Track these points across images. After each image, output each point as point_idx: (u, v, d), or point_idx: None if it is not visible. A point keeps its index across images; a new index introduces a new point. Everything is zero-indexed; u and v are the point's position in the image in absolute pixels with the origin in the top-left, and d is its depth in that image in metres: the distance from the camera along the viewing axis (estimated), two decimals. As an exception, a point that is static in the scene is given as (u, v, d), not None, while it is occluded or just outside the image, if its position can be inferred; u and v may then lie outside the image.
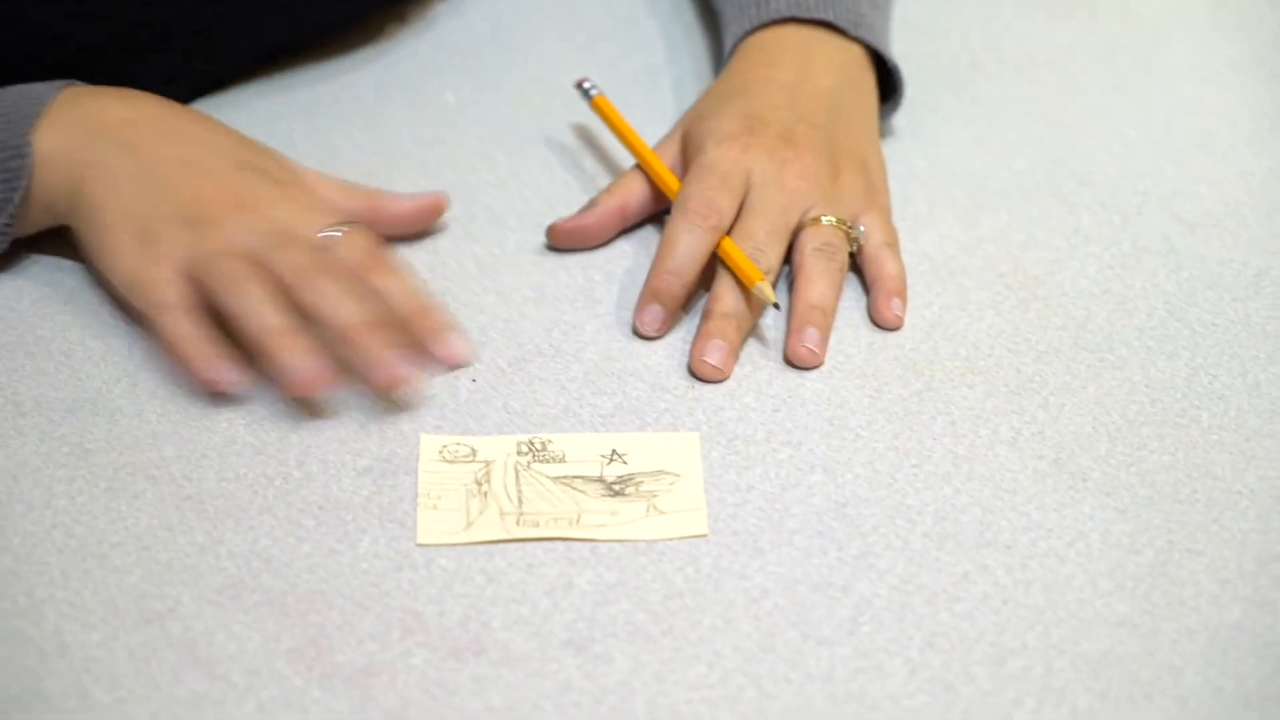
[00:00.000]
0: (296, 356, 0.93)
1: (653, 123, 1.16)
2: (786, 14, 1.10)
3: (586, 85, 1.11)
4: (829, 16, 1.10)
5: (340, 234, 0.98)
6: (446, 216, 1.09)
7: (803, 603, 0.87)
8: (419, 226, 1.05)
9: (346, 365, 0.95)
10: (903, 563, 0.89)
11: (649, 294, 1.00)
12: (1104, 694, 0.83)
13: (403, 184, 1.11)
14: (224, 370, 0.94)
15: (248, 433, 0.94)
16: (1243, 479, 0.93)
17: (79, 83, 1.03)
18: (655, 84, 1.20)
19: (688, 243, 1.01)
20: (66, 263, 1.03)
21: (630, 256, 1.06)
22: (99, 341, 0.99)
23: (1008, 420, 0.96)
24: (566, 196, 1.11)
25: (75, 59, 1.10)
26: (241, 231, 0.97)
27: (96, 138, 1.00)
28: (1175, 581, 0.88)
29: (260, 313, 0.94)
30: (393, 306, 0.96)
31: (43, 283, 1.03)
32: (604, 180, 1.12)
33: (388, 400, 0.96)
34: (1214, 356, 1.00)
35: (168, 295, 0.95)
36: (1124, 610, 0.86)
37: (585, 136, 1.16)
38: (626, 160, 1.13)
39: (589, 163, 1.14)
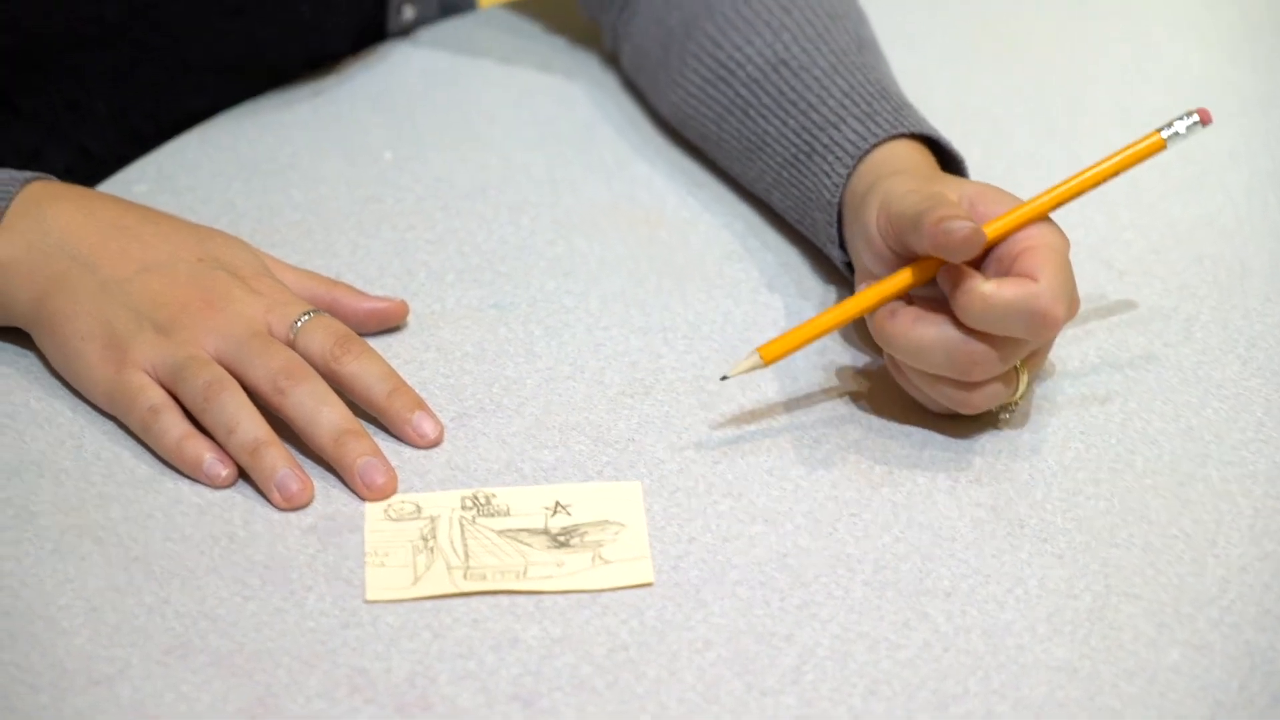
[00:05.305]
0: (283, 474, 0.94)
1: (587, 175, 1.17)
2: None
3: None
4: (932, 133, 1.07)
5: (306, 321, 0.99)
6: (386, 273, 1.09)
7: (746, 653, 0.87)
8: (372, 328, 1.04)
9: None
10: (844, 611, 0.89)
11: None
12: (1045, 738, 0.84)
13: (340, 242, 1.12)
14: (222, 467, 0.95)
15: (193, 493, 0.95)
16: (1177, 523, 0.94)
17: (40, 176, 1.03)
18: (591, 138, 1.21)
19: None
20: (7, 329, 1.03)
21: (569, 311, 1.07)
22: (42, 404, 0.99)
23: (945, 469, 0.97)
24: (503, 252, 1.11)
25: (22, 50, 1.11)
26: (211, 334, 0.98)
27: (55, 251, 1.00)
28: (1113, 625, 0.89)
29: (243, 428, 0.95)
30: (364, 392, 0.98)
31: (-16, 346, 1.03)
32: (540, 235, 1.13)
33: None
34: (1146, 402, 1.01)
35: (153, 398, 0.96)
36: (1063, 654, 0.87)
37: (521, 193, 1.16)
38: (563, 211, 1.14)
39: (525, 219, 1.15)
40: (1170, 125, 0.99)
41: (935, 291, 0.97)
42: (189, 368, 0.96)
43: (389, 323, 1.05)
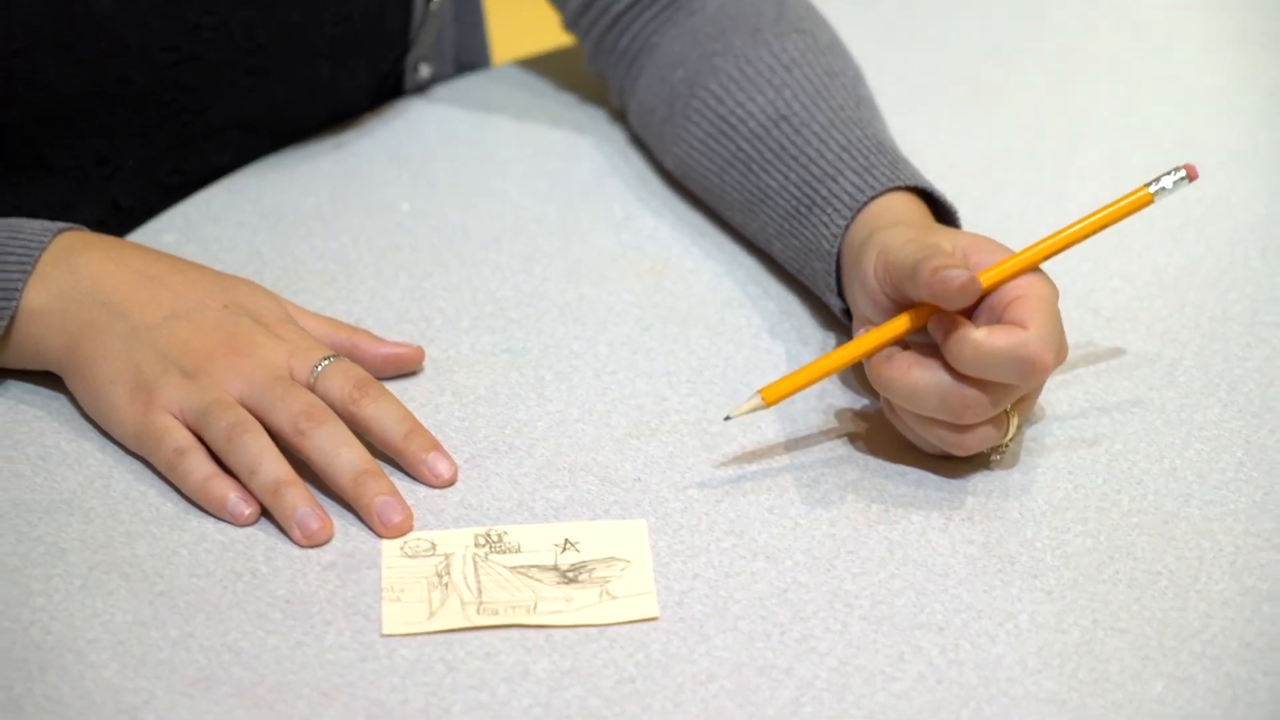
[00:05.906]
0: (303, 512, 0.96)
1: (596, 226, 1.19)
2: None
3: None
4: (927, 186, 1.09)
5: (326, 366, 1.01)
6: (404, 320, 1.11)
7: (748, 685, 0.89)
8: (390, 373, 1.06)
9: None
10: (842, 645, 0.91)
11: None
12: (1033, 767, 0.85)
13: (360, 289, 1.13)
14: (245, 506, 0.97)
15: (217, 531, 0.96)
16: (1162, 560, 0.95)
17: (72, 226, 1.05)
18: (600, 190, 1.23)
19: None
20: (38, 371, 1.05)
21: (578, 356, 1.09)
22: (72, 445, 1.01)
23: (939, 507, 0.98)
24: (516, 300, 1.13)
25: (54, 109, 1.13)
26: (235, 378, 0.99)
27: (87, 298, 1.02)
28: (1100, 659, 0.90)
29: (265, 469, 0.97)
30: (381, 434, 1.00)
31: (16, 389, 1.04)
32: (551, 283, 1.14)
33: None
34: (1132, 444, 1.02)
35: (180, 440, 0.98)
36: (1052, 687, 0.88)
37: (533, 243, 1.18)
38: (573, 260, 1.17)
39: (538, 267, 1.16)
40: (1158, 181, 1.01)
41: (930, 338, 0.99)
42: (213, 410, 0.98)
43: (406, 367, 1.07)
